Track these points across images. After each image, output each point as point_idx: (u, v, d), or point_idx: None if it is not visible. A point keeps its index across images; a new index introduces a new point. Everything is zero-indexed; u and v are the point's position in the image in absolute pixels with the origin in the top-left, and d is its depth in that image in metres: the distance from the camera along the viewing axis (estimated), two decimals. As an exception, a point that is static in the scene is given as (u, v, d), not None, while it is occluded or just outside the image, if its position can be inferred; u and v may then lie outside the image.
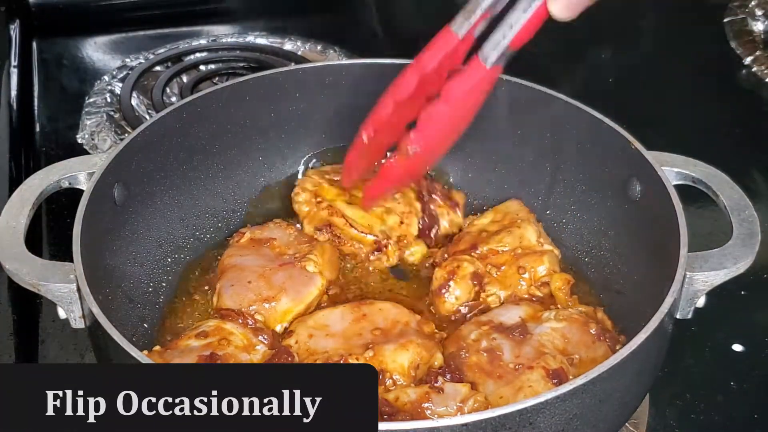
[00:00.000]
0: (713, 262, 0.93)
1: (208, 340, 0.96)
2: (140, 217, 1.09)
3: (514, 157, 1.19)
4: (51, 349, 1.12)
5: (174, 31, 1.70)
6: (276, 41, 1.66)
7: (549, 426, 0.79)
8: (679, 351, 1.03)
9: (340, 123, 1.21)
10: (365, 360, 0.94)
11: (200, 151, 1.16)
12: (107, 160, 1.02)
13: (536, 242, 1.10)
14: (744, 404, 1.07)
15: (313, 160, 1.24)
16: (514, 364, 0.95)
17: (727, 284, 0.94)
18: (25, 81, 1.58)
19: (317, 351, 0.96)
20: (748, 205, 0.98)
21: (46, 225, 1.27)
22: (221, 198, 1.19)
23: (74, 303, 0.91)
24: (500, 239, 1.10)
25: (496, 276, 1.08)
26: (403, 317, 1.01)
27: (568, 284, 1.06)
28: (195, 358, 0.94)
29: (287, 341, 0.98)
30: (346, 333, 0.99)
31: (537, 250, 1.09)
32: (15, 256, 0.93)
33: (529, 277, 1.07)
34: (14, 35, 1.66)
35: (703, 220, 1.02)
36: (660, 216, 0.97)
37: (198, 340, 0.97)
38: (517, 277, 1.07)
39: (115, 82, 1.53)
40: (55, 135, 1.48)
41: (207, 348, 0.95)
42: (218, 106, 1.15)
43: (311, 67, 1.24)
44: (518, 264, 1.07)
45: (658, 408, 1.05)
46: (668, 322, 0.90)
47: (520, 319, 1.01)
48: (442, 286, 1.07)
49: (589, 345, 0.98)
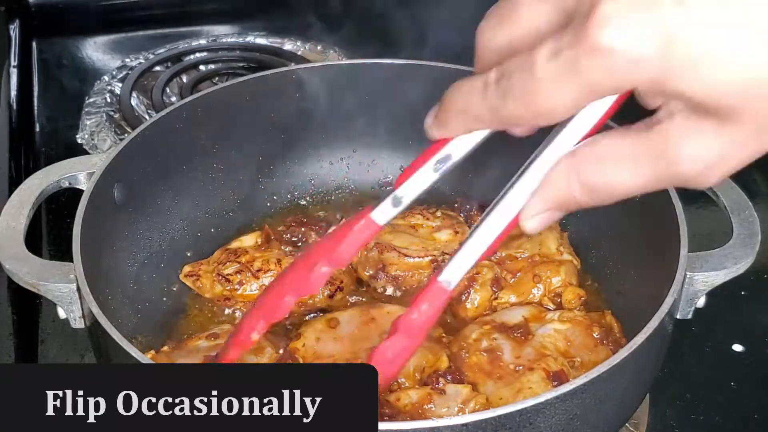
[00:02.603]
0: (713, 262, 0.93)
1: (218, 341, 0.96)
2: (140, 217, 1.09)
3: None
4: (51, 349, 1.12)
5: (174, 31, 1.70)
6: (276, 41, 1.66)
7: (549, 426, 0.79)
8: (679, 351, 1.03)
9: (340, 123, 1.21)
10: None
11: (200, 151, 1.16)
12: (107, 160, 1.02)
13: (555, 251, 1.08)
14: (744, 404, 1.07)
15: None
16: (515, 365, 0.94)
17: (727, 284, 0.94)
18: (24, 81, 1.58)
19: (323, 355, 0.96)
20: (748, 205, 0.98)
21: (45, 225, 1.27)
22: (221, 198, 1.19)
23: (74, 303, 0.91)
24: (519, 245, 1.09)
25: (511, 282, 1.07)
26: None
27: (579, 299, 1.05)
28: (201, 359, 0.93)
29: (295, 344, 0.98)
30: (354, 336, 0.98)
31: (555, 259, 1.07)
32: (15, 256, 0.93)
33: (544, 286, 1.06)
34: (14, 35, 1.66)
35: (703, 220, 1.02)
36: (660, 216, 0.97)
37: (207, 341, 0.97)
38: (532, 285, 1.06)
39: (115, 82, 1.53)
40: (55, 135, 1.48)
41: (215, 349, 0.95)
42: (218, 106, 1.15)
43: (311, 67, 1.24)
44: (534, 272, 1.06)
45: (658, 408, 1.05)
46: (668, 322, 0.90)
47: (522, 318, 1.01)
48: (461, 293, 1.06)
49: (591, 348, 0.98)
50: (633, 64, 0.53)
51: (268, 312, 0.81)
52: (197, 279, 1.08)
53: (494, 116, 0.62)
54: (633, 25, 0.52)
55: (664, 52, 0.52)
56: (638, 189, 0.61)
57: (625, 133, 0.60)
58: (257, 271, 1.06)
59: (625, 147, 0.60)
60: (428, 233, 1.12)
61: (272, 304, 0.81)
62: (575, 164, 0.62)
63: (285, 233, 1.14)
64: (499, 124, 0.63)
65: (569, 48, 0.55)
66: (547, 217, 0.66)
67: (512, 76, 0.58)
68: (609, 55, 0.53)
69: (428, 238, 1.12)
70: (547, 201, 0.65)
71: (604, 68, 0.54)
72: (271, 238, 1.12)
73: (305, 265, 0.80)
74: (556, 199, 0.64)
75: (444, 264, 0.73)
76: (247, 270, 1.06)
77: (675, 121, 0.56)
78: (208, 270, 1.08)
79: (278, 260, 1.07)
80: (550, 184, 0.64)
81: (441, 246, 1.11)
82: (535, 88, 0.57)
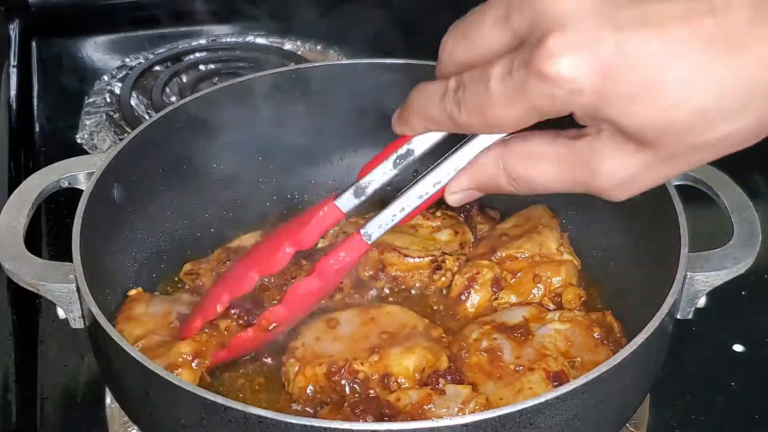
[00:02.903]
0: (714, 262, 0.93)
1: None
2: (140, 217, 1.09)
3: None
4: (51, 349, 1.12)
5: (174, 31, 1.70)
6: (276, 41, 1.66)
7: (549, 426, 0.79)
8: (679, 351, 1.03)
9: (340, 123, 1.21)
10: (370, 364, 0.94)
11: (200, 150, 1.15)
12: (107, 160, 1.02)
13: (555, 251, 1.08)
14: (744, 404, 1.07)
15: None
16: (515, 365, 0.94)
17: (727, 284, 0.94)
18: (24, 81, 1.58)
19: (323, 355, 0.96)
20: (748, 205, 0.98)
21: (45, 225, 1.27)
22: (221, 198, 1.19)
23: (74, 303, 0.91)
24: (520, 245, 1.08)
25: (512, 282, 1.07)
26: (411, 321, 1.00)
27: (579, 299, 1.05)
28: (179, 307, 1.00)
29: (294, 343, 0.98)
30: (354, 336, 0.98)
31: (555, 260, 1.07)
32: (14, 256, 0.93)
33: (544, 286, 1.06)
34: (14, 35, 1.66)
35: (703, 220, 1.02)
36: (660, 216, 0.97)
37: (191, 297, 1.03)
38: (532, 285, 1.06)
39: (115, 82, 1.53)
40: (55, 135, 1.48)
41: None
42: (218, 106, 1.15)
43: (311, 67, 1.24)
44: (534, 272, 1.06)
45: (658, 408, 1.05)
46: (668, 322, 0.90)
47: (523, 318, 1.01)
48: (461, 293, 1.06)
49: (591, 348, 0.98)
50: (572, 93, 0.60)
51: (234, 286, 0.91)
52: (197, 278, 1.08)
53: (450, 122, 0.68)
54: (576, 60, 0.59)
55: (600, 87, 0.59)
56: (555, 188, 0.67)
57: (555, 136, 0.67)
58: None
59: (552, 149, 0.66)
60: (428, 233, 1.12)
61: (238, 279, 0.91)
62: (505, 154, 0.69)
63: None
64: (454, 128, 0.69)
65: (519, 69, 0.61)
66: (469, 194, 0.74)
67: (468, 89, 0.65)
68: (552, 83, 0.60)
69: (428, 238, 1.12)
70: (472, 180, 0.73)
71: (548, 93, 0.60)
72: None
73: (271, 245, 0.88)
74: (482, 181, 0.72)
75: (369, 219, 0.80)
76: None
77: (601, 137, 0.63)
78: (208, 269, 1.08)
79: None
80: (479, 166, 0.72)
81: (441, 246, 1.11)
82: (486, 101, 0.64)
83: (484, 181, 0.72)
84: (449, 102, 0.67)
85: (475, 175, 0.72)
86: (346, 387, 0.93)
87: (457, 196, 0.75)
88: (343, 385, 0.93)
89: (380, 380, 0.93)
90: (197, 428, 0.79)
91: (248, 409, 0.75)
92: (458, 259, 1.09)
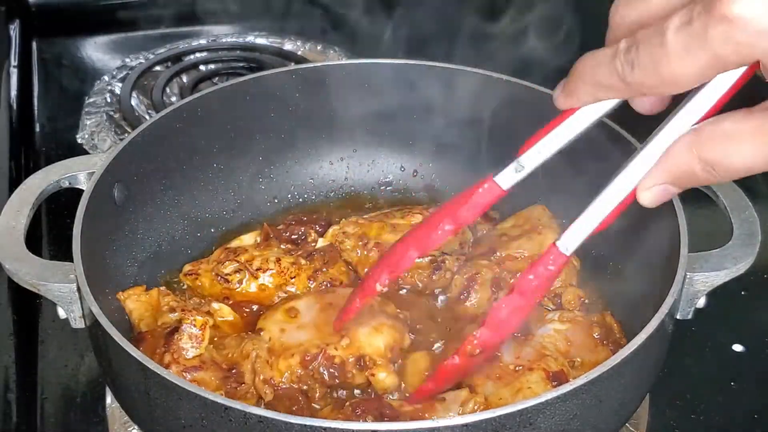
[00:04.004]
0: (714, 262, 0.93)
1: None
2: (140, 217, 1.09)
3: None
4: (51, 349, 1.12)
5: (174, 31, 1.70)
6: (276, 41, 1.66)
7: (549, 426, 0.79)
8: (679, 351, 1.03)
9: (340, 123, 1.21)
10: (343, 348, 0.94)
11: (200, 151, 1.16)
12: (107, 160, 1.02)
13: None
14: (744, 404, 1.07)
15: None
16: (514, 365, 0.94)
17: (727, 284, 0.94)
18: (24, 81, 1.58)
19: (292, 345, 0.95)
20: (748, 205, 0.98)
21: (46, 225, 1.27)
22: (221, 198, 1.19)
23: (74, 303, 0.91)
24: (519, 245, 1.08)
25: (511, 282, 1.06)
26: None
27: (579, 300, 1.05)
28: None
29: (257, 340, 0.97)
30: (317, 323, 0.98)
31: None
32: (15, 256, 0.93)
33: None
34: (14, 35, 1.66)
35: (703, 220, 1.02)
36: (660, 216, 0.97)
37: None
38: None
39: (115, 82, 1.53)
40: (55, 135, 1.48)
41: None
42: (218, 106, 1.15)
43: (311, 67, 1.24)
44: None
45: (658, 408, 1.05)
46: (668, 322, 0.90)
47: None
48: (461, 293, 1.06)
49: (591, 348, 0.98)
50: (759, 34, 0.56)
51: (393, 265, 0.89)
52: (197, 278, 1.08)
53: (621, 84, 0.65)
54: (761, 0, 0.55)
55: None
56: (757, 168, 0.64)
57: (748, 113, 0.63)
58: (256, 270, 1.06)
59: (747, 126, 0.63)
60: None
61: (397, 257, 0.89)
62: (697, 140, 0.65)
63: (285, 231, 1.14)
64: (626, 92, 0.66)
65: (699, 17, 0.57)
66: (663, 190, 0.70)
67: (641, 45, 0.62)
68: (737, 25, 0.56)
69: None
70: (666, 173, 0.69)
71: (732, 38, 0.57)
72: (270, 237, 1.12)
73: (430, 224, 0.87)
74: (676, 173, 0.68)
75: (563, 229, 0.79)
76: (246, 270, 1.06)
77: None
78: (208, 269, 1.08)
79: (277, 259, 1.07)
80: (672, 158, 0.68)
81: (441, 246, 1.11)
82: (663, 56, 0.60)
83: (678, 173, 0.68)
84: (620, 62, 0.64)
85: (669, 168, 0.69)
86: (325, 373, 0.93)
87: (650, 194, 0.71)
88: (321, 372, 0.93)
89: (356, 362, 0.94)
90: (197, 428, 0.80)
91: (248, 409, 0.75)
92: (458, 259, 1.09)
